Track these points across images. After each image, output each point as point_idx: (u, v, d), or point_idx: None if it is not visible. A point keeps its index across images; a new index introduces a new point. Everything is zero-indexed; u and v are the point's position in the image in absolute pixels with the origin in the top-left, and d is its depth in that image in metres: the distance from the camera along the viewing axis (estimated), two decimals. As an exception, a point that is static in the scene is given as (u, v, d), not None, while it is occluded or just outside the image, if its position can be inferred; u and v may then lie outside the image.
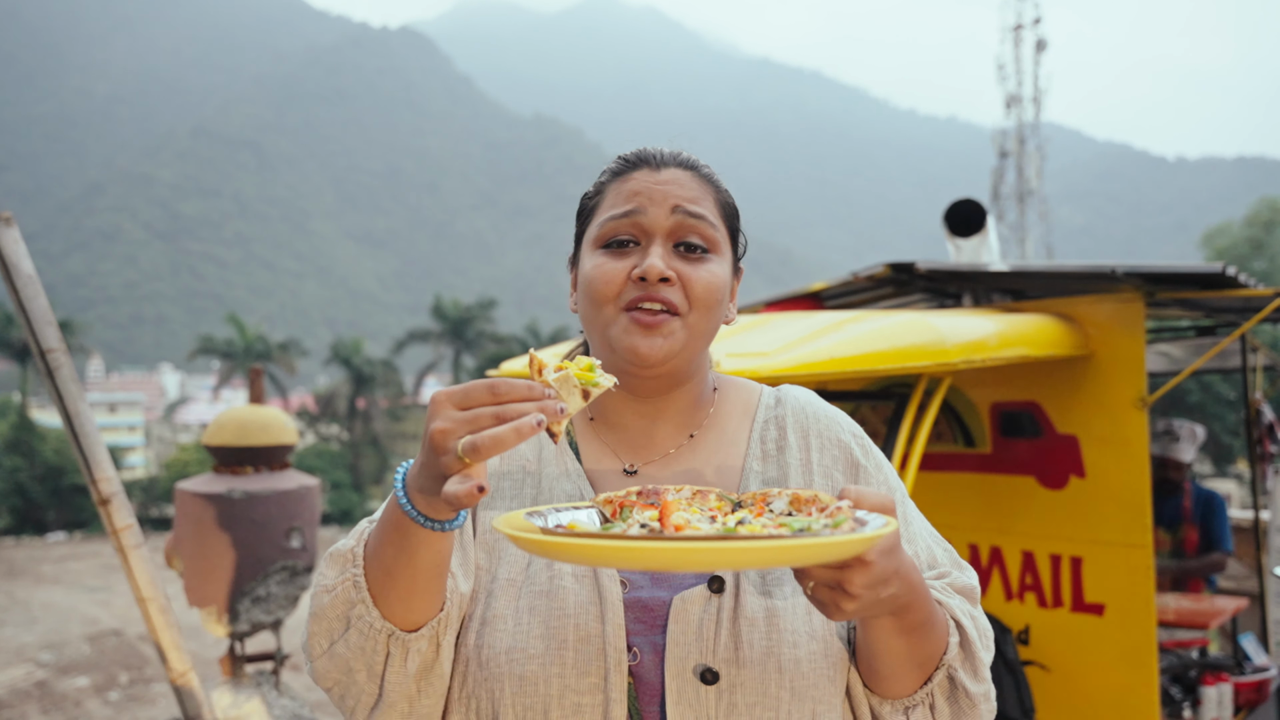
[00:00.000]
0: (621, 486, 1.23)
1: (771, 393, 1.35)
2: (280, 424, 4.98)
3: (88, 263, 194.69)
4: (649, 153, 1.26)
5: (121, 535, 2.61)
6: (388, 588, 1.05)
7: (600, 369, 1.00)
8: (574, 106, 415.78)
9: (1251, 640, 4.52)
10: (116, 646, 11.89)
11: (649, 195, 1.21)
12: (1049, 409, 3.63)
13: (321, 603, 1.09)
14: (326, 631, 1.09)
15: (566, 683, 1.10)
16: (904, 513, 1.27)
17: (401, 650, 1.08)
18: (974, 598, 1.23)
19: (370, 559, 1.06)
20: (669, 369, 1.21)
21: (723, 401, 1.33)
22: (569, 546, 0.86)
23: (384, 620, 1.06)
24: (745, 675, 1.11)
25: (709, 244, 1.21)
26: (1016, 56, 39.23)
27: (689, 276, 1.18)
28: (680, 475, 1.25)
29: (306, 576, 4.86)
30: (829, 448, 1.28)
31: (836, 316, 3.03)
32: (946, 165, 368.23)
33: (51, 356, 2.53)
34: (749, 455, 1.27)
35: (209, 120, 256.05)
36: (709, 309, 1.20)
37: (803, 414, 1.30)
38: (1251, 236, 28.32)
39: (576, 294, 1.28)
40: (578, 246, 1.30)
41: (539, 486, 1.24)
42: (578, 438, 1.30)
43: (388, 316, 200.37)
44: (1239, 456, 20.59)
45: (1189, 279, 3.51)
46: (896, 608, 1.04)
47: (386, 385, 42.59)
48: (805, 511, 1.01)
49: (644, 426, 1.28)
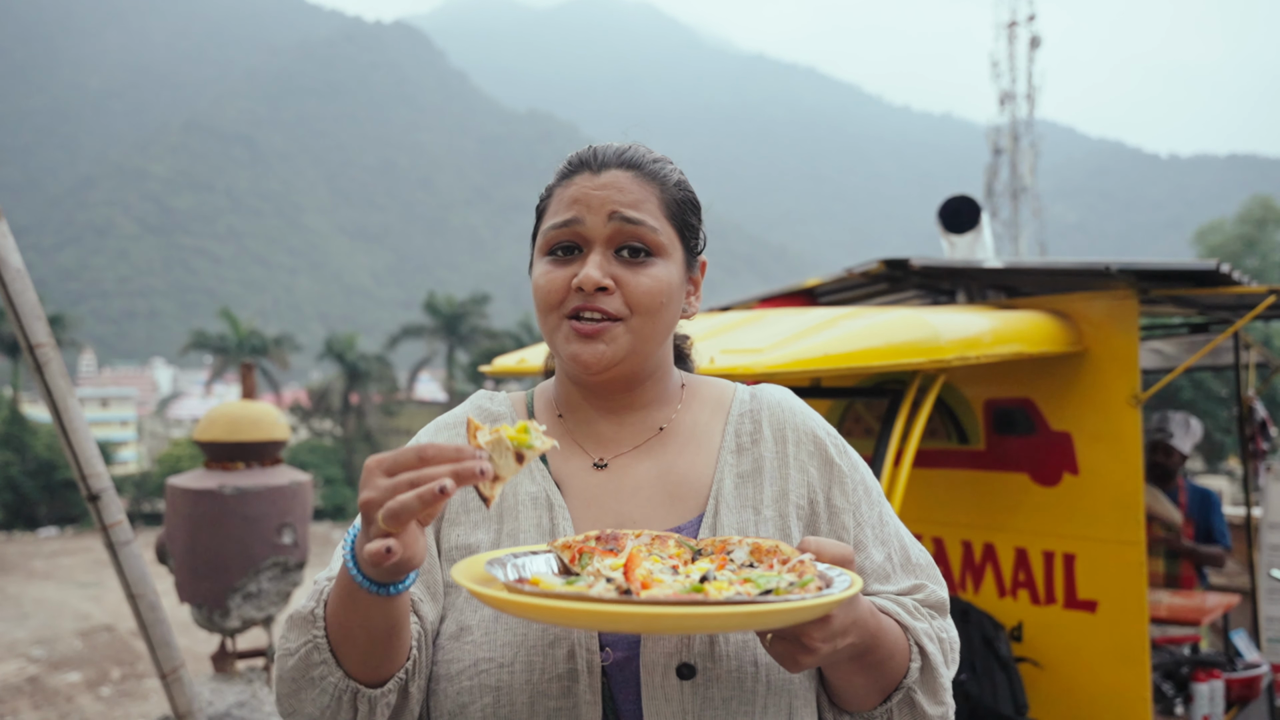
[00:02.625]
0: (591, 480, 1.24)
1: (746, 390, 1.34)
2: (272, 419, 4.96)
3: (80, 257, 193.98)
4: (591, 154, 1.25)
5: (111, 531, 2.59)
6: (348, 648, 1.04)
7: (539, 431, 0.98)
8: (568, 102, 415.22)
9: (1243, 637, 4.52)
10: (108, 642, 11.86)
11: (586, 202, 1.20)
12: (1043, 406, 3.63)
13: (285, 665, 1.09)
14: (293, 693, 1.09)
15: (538, 688, 1.10)
16: (879, 513, 1.27)
17: (368, 705, 1.07)
18: (944, 610, 1.25)
19: (330, 620, 1.05)
20: (619, 372, 1.21)
21: (693, 397, 1.32)
22: (537, 608, 0.87)
23: (348, 679, 1.06)
24: (721, 670, 1.11)
25: (651, 247, 1.20)
26: (1010, 53, 39.28)
27: (628, 282, 1.18)
28: (650, 469, 1.24)
29: (298, 572, 4.84)
30: (804, 442, 1.27)
31: (830, 313, 3.02)
32: (941, 162, 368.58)
33: (40, 351, 2.51)
34: (723, 448, 1.26)
35: (202, 114, 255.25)
36: (652, 312, 1.19)
37: (779, 408, 1.30)
38: (1244, 234, 28.41)
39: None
40: (533, 249, 1.29)
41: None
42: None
43: (381, 312, 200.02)
44: (1231, 454, 20.67)
45: (1182, 276, 3.51)
46: (855, 654, 1.07)
47: (380, 380, 42.55)
48: (765, 563, 1.02)
49: (611, 421, 1.27)
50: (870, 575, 1.22)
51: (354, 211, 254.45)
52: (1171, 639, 4.45)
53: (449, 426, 1.30)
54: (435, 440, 1.28)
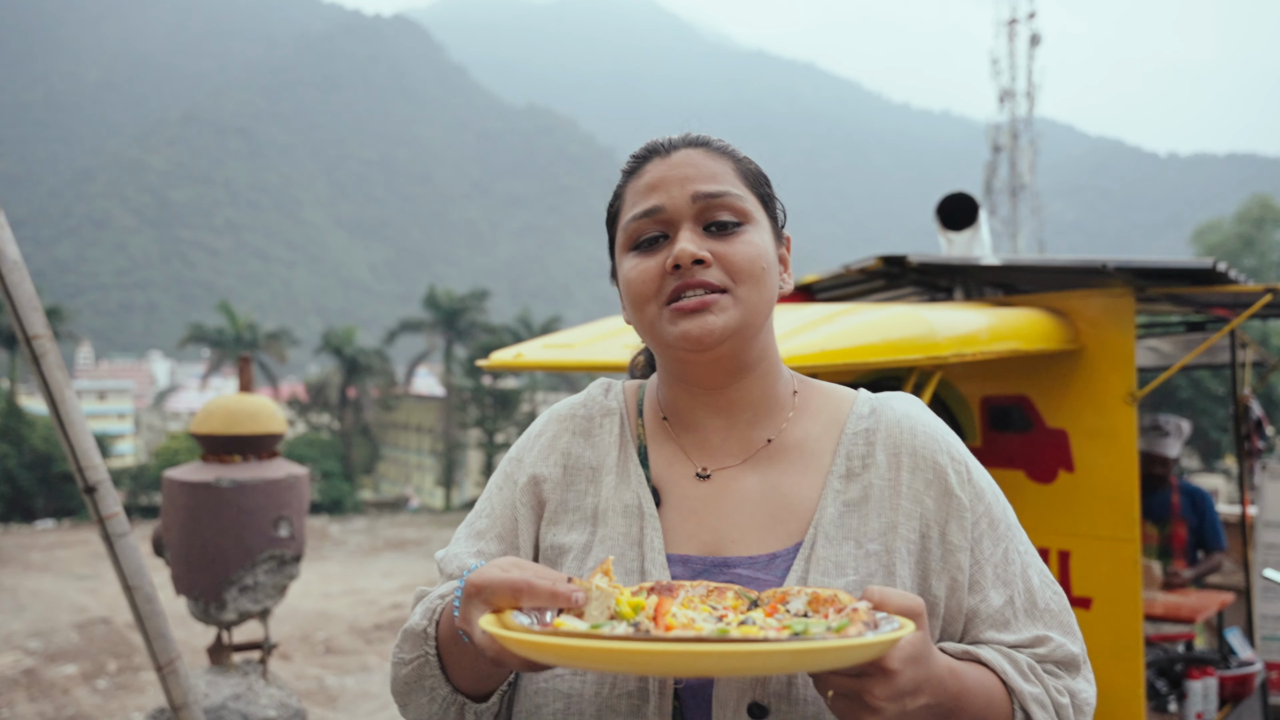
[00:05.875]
0: (692, 491, 1.19)
1: (867, 400, 1.23)
2: (269, 413, 4.96)
3: (78, 249, 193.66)
4: (657, 142, 1.22)
5: (107, 523, 2.59)
6: (457, 671, 1.10)
7: (644, 616, 0.96)
8: (568, 96, 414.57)
9: (1237, 635, 4.54)
10: (105, 634, 11.86)
11: (665, 185, 1.16)
12: (1039, 403, 3.63)
13: (399, 673, 1.15)
14: (405, 695, 1.16)
15: (606, 702, 1.08)
16: (1005, 550, 1.15)
17: (474, 714, 1.14)
18: (1072, 666, 1.13)
19: (441, 641, 1.11)
20: (729, 349, 1.14)
21: (805, 406, 1.24)
22: (547, 646, 0.85)
23: (456, 694, 1.12)
24: (796, 713, 1.04)
25: (739, 215, 1.15)
26: (1010, 51, 39.27)
27: (725, 252, 1.13)
28: (755, 485, 1.17)
29: (294, 566, 4.84)
30: (922, 470, 1.15)
31: (828, 309, 3.03)
32: (939, 159, 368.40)
33: (37, 343, 2.51)
34: (832, 471, 1.16)
35: (200, 107, 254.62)
36: (756, 279, 1.14)
37: (897, 428, 1.18)
38: (1242, 233, 28.46)
39: (624, 304, 1.23)
40: (613, 257, 1.25)
41: (599, 495, 1.20)
42: (648, 440, 1.24)
43: (379, 306, 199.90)
44: (1227, 452, 20.70)
45: (1179, 274, 3.51)
46: (933, 718, 0.97)
47: (378, 375, 42.57)
48: (822, 614, 0.95)
49: (718, 425, 1.21)
50: (984, 622, 1.11)
51: (352, 205, 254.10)
52: (1166, 636, 4.47)
53: (563, 419, 1.28)
54: (549, 429, 1.28)
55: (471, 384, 40.35)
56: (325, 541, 22.43)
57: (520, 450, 1.28)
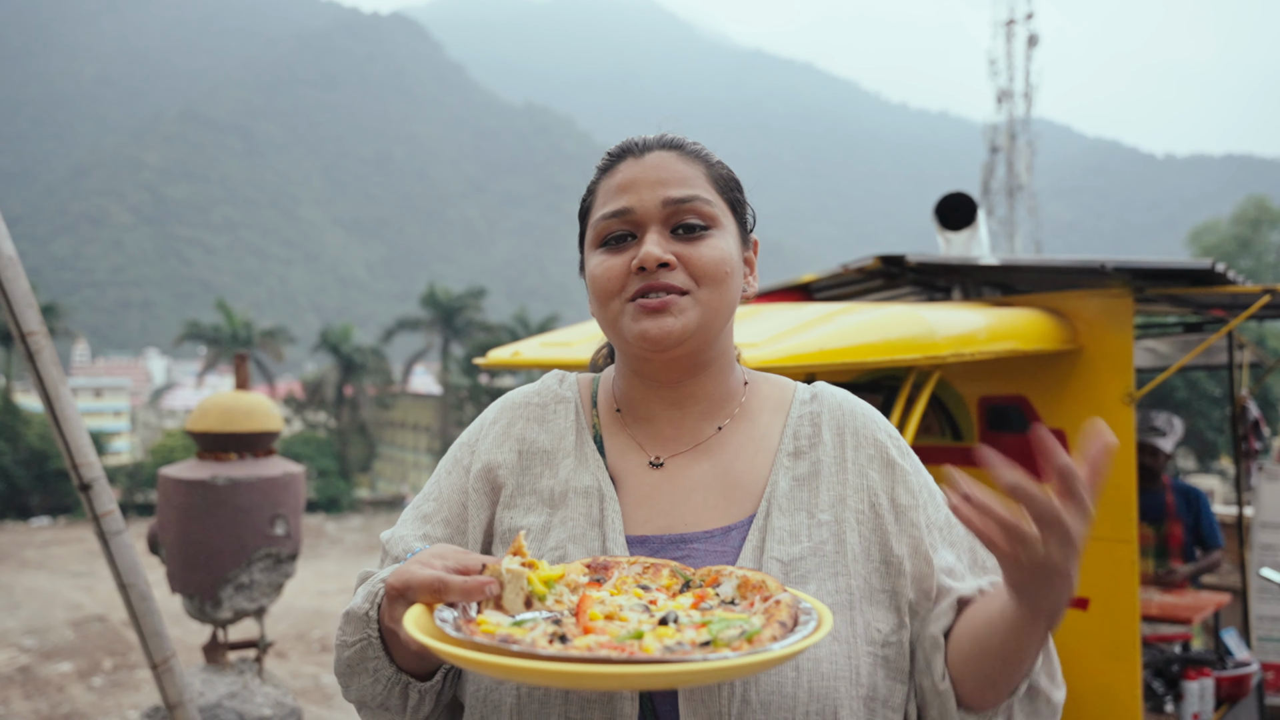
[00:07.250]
0: (646, 479, 1.22)
1: (806, 389, 1.31)
2: (265, 410, 4.94)
3: (74, 246, 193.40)
4: (632, 142, 1.24)
5: (103, 521, 2.58)
6: (400, 651, 1.10)
7: (565, 589, 1.00)
8: (565, 95, 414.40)
9: (1233, 635, 4.54)
10: (100, 632, 11.85)
11: (636, 187, 1.19)
12: (1037, 403, 3.63)
13: (341, 655, 1.15)
14: (349, 674, 1.16)
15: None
16: (946, 516, 1.23)
17: (418, 695, 1.14)
18: None
19: (382, 623, 1.10)
20: (687, 350, 1.18)
21: (753, 395, 1.29)
22: (456, 657, 0.87)
23: (400, 673, 1.12)
24: (761, 674, 1.07)
25: (706, 220, 1.19)
26: (1008, 51, 39.34)
27: (689, 255, 1.16)
28: (707, 470, 1.22)
29: (290, 564, 4.83)
30: (865, 445, 1.23)
31: (826, 308, 3.02)
32: (937, 159, 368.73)
33: (32, 339, 2.50)
34: (780, 450, 1.23)
35: (197, 104, 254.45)
36: (718, 282, 1.17)
37: (839, 410, 1.26)
38: (1238, 234, 28.53)
39: (590, 298, 1.26)
40: (582, 251, 1.28)
41: (556, 477, 1.23)
42: (603, 430, 1.27)
43: (376, 304, 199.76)
44: (1223, 453, 20.74)
45: (1177, 275, 3.51)
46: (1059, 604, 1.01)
47: (375, 373, 42.56)
48: (748, 601, 0.99)
49: (671, 417, 1.25)
50: (941, 575, 1.19)
51: (349, 203, 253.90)
52: (1162, 637, 4.47)
53: (517, 407, 1.30)
54: (503, 416, 1.30)
55: (468, 382, 40.36)
56: (321, 540, 22.42)
57: (472, 437, 1.30)
